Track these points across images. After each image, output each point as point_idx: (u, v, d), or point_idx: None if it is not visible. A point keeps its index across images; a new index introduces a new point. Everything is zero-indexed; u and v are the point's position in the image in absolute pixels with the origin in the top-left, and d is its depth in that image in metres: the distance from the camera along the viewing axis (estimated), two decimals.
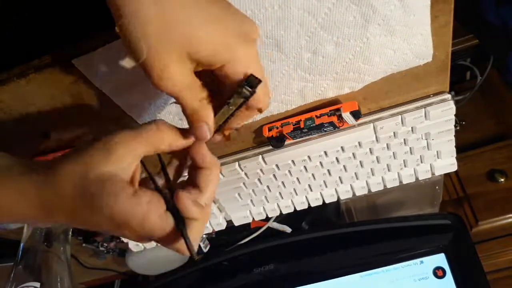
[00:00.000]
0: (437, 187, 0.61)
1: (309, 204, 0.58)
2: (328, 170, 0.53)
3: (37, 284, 0.47)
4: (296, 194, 0.56)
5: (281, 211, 0.59)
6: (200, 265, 0.66)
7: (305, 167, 0.52)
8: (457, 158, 0.52)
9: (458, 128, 0.50)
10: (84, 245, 0.65)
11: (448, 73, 0.43)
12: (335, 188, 0.56)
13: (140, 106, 0.43)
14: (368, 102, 0.46)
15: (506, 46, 0.55)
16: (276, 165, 0.52)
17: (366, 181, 0.55)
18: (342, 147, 0.49)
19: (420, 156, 0.51)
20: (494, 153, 0.79)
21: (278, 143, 0.47)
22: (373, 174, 0.54)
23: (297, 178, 0.54)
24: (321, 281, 0.60)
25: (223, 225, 0.61)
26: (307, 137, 0.49)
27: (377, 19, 0.36)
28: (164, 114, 0.44)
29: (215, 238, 0.67)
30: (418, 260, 0.57)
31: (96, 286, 0.83)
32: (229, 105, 0.30)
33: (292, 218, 0.66)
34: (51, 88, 0.40)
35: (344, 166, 0.52)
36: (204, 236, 0.67)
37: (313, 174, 0.53)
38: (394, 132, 0.48)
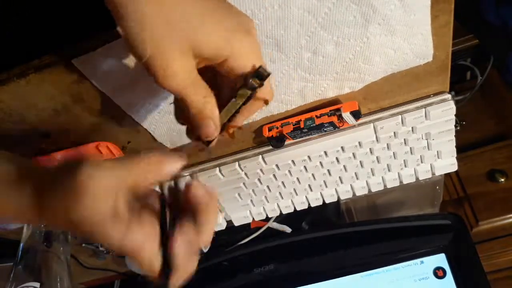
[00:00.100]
0: (438, 187, 0.61)
1: (309, 204, 0.58)
2: (328, 170, 0.53)
3: (37, 284, 0.47)
4: (296, 194, 0.56)
5: (281, 211, 0.59)
6: (200, 265, 0.66)
7: (305, 167, 0.52)
8: (458, 158, 0.52)
9: (459, 128, 0.50)
10: (84, 245, 0.65)
11: (448, 73, 0.43)
12: (335, 188, 0.56)
13: (140, 106, 0.43)
14: (368, 102, 0.46)
15: (506, 46, 0.55)
16: (276, 165, 0.52)
17: (366, 181, 0.55)
18: (342, 147, 0.49)
19: (421, 156, 0.51)
20: (494, 153, 0.79)
21: (278, 143, 0.47)
22: (373, 174, 0.54)
23: (297, 178, 0.54)
24: (321, 281, 0.60)
25: (223, 225, 0.61)
26: (307, 137, 0.49)
27: (377, 19, 0.36)
28: (164, 114, 0.44)
29: (215, 238, 0.67)
30: (419, 260, 0.57)
31: (96, 286, 0.83)
32: (236, 99, 0.29)
33: (292, 218, 0.65)
34: (51, 88, 0.40)
35: (344, 166, 0.52)
36: None
37: (313, 174, 0.53)
38: (394, 132, 0.48)
